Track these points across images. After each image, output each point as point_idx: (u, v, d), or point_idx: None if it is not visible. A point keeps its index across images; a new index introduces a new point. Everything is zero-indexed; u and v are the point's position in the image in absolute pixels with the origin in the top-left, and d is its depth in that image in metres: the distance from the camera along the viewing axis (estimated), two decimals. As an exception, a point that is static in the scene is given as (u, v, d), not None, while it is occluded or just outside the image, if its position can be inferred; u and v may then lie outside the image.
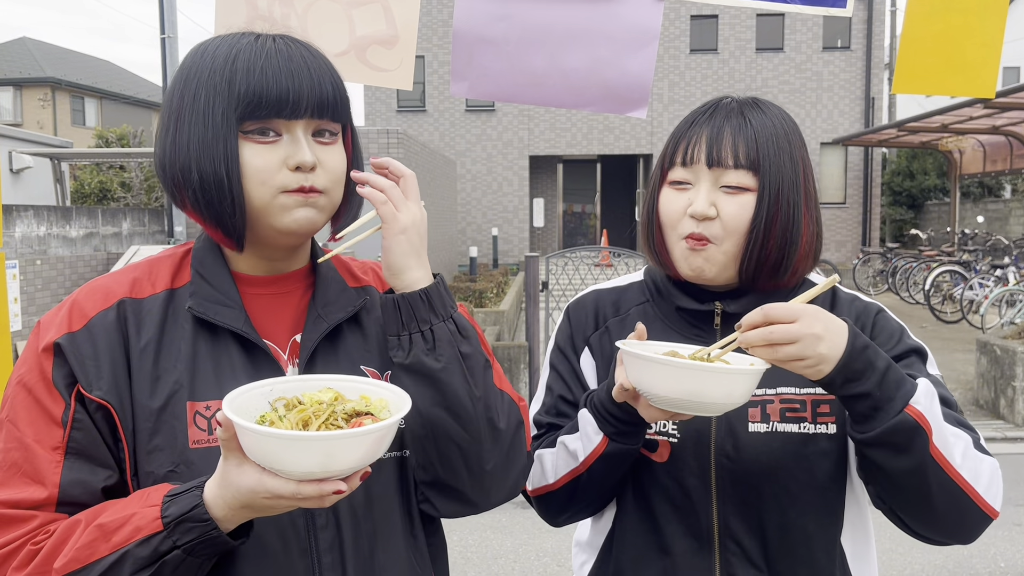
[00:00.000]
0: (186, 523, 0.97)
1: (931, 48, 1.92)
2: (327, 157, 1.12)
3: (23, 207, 10.10)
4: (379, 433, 0.93)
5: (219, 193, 1.07)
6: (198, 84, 1.08)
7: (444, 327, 1.13)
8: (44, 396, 1.06)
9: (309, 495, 0.92)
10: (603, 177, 24.88)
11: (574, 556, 1.55)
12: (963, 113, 13.34)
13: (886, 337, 1.35)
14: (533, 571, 4.50)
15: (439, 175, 17.52)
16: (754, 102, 1.35)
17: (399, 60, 1.85)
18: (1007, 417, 7.30)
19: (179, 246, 1.24)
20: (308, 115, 1.09)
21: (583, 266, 8.79)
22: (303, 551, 1.10)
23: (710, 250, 1.31)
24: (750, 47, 22.05)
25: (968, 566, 4.53)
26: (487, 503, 1.21)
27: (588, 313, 1.48)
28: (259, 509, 0.97)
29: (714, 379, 1.13)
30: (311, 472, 0.91)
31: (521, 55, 1.86)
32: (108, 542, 0.98)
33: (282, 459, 0.90)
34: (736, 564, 1.32)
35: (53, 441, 1.05)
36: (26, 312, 8.67)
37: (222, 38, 1.13)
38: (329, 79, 1.12)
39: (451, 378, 1.12)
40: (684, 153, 1.32)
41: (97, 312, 1.10)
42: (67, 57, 34.86)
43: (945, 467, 1.16)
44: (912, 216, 23.11)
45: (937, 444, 1.15)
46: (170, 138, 1.10)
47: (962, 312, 11.92)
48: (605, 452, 1.30)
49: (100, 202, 18.35)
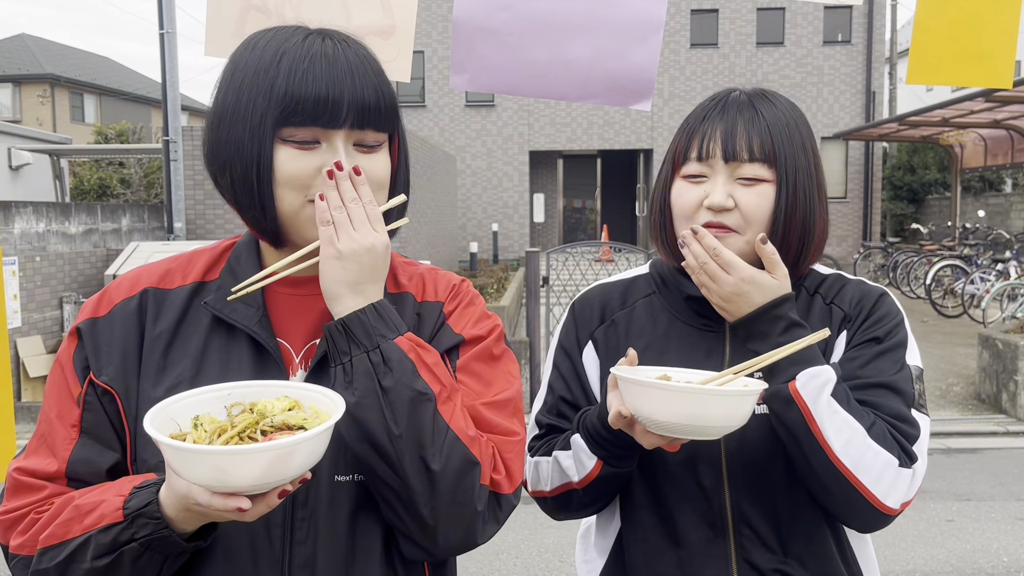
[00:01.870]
0: (141, 518, 0.98)
1: (945, 37, 1.89)
2: (367, 166, 1.08)
3: (22, 203, 10.07)
4: (273, 452, 0.88)
5: (249, 197, 1.07)
6: (243, 81, 1.06)
7: (364, 359, 1.03)
8: (69, 375, 1.11)
9: (219, 507, 0.91)
10: (603, 172, 24.84)
11: (579, 553, 1.53)
12: (964, 107, 13.31)
13: (877, 317, 1.35)
14: (535, 566, 4.49)
15: (439, 170, 17.49)
16: (763, 94, 1.36)
17: (396, 51, 1.81)
18: (1009, 411, 7.29)
19: (228, 239, 1.24)
20: (348, 125, 1.06)
21: (583, 261, 8.76)
22: (275, 562, 1.07)
23: (732, 238, 1.30)
24: (751, 41, 22.00)
25: (971, 561, 4.51)
26: (438, 550, 1.09)
27: (593, 308, 1.48)
28: (199, 514, 0.96)
29: (716, 402, 1.13)
30: (210, 485, 0.89)
31: (523, 46, 1.83)
32: (80, 523, 1.00)
33: (182, 469, 0.91)
34: (752, 549, 1.32)
35: (72, 418, 1.10)
36: (25, 309, 8.65)
37: (273, 32, 1.10)
38: (373, 86, 1.07)
39: (365, 414, 1.02)
40: (699, 148, 1.32)
41: (121, 300, 1.13)
42: (66, 53, 34.78)
43: (825, 449, 1.22)
44: (913, 210, 23.08)
45: (818, 425, 1.22)
46: (213, 133, 1.09)
47: (963, 306, 11.90)
48: (600, 475, 1.30)
49: (99, 198, 18.32)
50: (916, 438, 1.28)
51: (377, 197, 1.10)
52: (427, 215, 15.43)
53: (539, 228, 23.91)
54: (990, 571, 4.42)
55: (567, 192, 24.97)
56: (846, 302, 1.38)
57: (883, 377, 1.30)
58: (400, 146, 1.16)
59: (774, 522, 1.32)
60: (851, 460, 1.21)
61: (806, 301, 1.39)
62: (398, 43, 1.81)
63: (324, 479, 1.08)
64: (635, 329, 1.43)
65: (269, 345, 1.10)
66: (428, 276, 1.25)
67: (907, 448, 1.26)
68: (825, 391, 1.23)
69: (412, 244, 13.78)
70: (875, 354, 1.32)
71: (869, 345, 1.33)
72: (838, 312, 1.37)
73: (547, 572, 4.43)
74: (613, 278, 1.53)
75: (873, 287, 1.41)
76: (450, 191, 19.65)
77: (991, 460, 6.31)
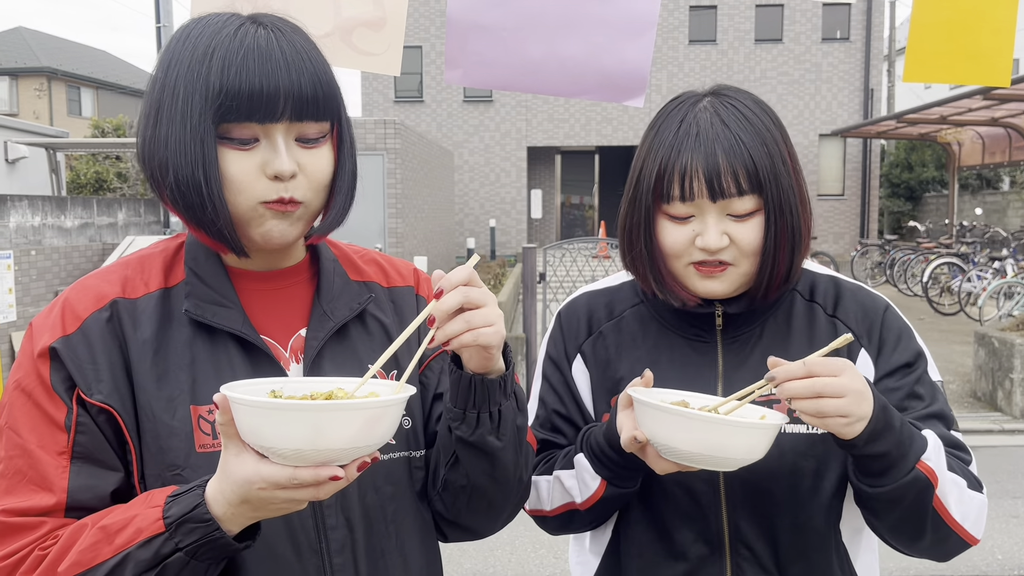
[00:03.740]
0: (188, 524, 0.93)
1: (942, 35, 1.87)
2: (309, 162, 1.05)
3: (18, 197, 10.05)
4: (372, 411, 0.88)
5: (198, 198, 1.01)
6: (177, 76, 1.01)
7: (509, 405, 1.10)
8: (44, 401, 1.02)
9: (305, 479, 0.88)
10: (601, 168, 24.84)
11: (572, 554, 1.52)
12: (962, 105, 13.31)
13: (894, 339, 1.31)
14: (530, 562, 4.49)
15: (436, 166, 17.48)
16: (728, 103, 1.26)
17: (387, 44, 1.78)
18: (1004, 409, 7.30)
19: (170, 239, 1.17)
20: (286, 118, 1.02)
21: (580, 258, 8.76)
22: (313, 551, 1.07)
23: (729, 272, 1.26)
24: (749, 38, 22.00)
25: (966, 558, 4.52)
26: (491, 533, 1.25)
27: (580, 319, 1.43)
28: (257, 505, 0.92)
29: (740, 434, 1.09)
30: (300, 449, 0.86)
31: (517, 42, 1.82)
32: (111, 544, 0.94)
33: (270, 434, 0.86)
34: (748, 569, 1.30)
35: (58, 446, 1.01)
36: (20, 303, 8.63)
37: (206, 22, 1.05)
38: (310, 74, 1.03)
39: (507, 454, 1.12)
40: (681, 187, 1.23)
41: (90, 313, 1.05)
42: (63, 47, 34.69)
43: (942, 513, 1.17)
44: (910, 208, 23.10)
45: (939, 495, 1.16)
46: (150, 131, 1.03)
47: (960, 304, 11.91)
48: (604, 496, 1.28)
49: (96, 192, 18.29)
50: (971, 460, 1.26)
51: (316, 198, 1.07)
52: (424, 211, 15.41)
53: (536, 224, 23.91)
54: (984, 569, 4.43)
55: (565, 188, 24.97)
56: (851, 318, 1.33)
57: (933, 406, 1.27)
58: (342, 134, 1.11)
59: (771, 543, 1.29)
60: (961, 514, 1.19)
61: (805, 309, 1.35)
62: (389, 36, 1.78)
63: None
64: (625, 341, 1.39)
65: (259, 343, 1.09)
66: (384, 262, 1.27)
67: (972, 473, 1.24)
68: (942, 457, 1.17)
69: (409, 240, 13.77)
70: (914, 381, 1.28)
71: (903, 373, 1.29)
72: (844, 331, 1.31)
73: (541, 568, 4.44)
74: (598, 285, 1.48)
75: (874, 299, 1.36)
76: (447, 187, 19.64)
77: (986, 458, 6.31)
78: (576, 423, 1.41)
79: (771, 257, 1.25)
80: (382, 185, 13.17)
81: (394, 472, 1.14)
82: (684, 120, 1.25)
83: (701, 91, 1.31)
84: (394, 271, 1.27)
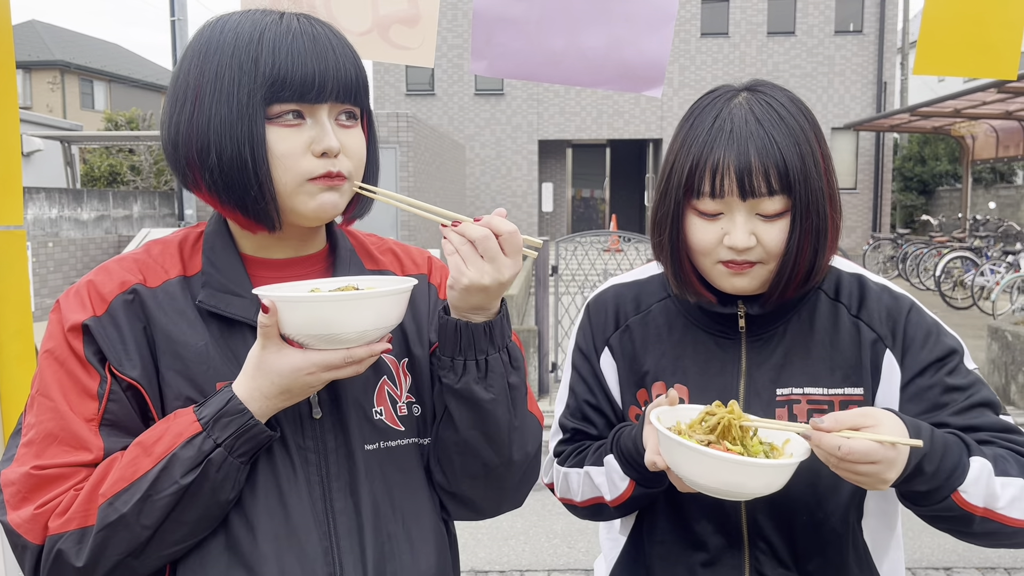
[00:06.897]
0: (223, 418, 1.01)
1: (952, 28, 1.91)
2: (350, 141, 1.11)
3: (35, 189, 10.14)
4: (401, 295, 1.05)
5: (242, 176, 1.05)
6: (220, 61, 1.05)
7: (498, 358, 1.11)
8: (78, 369, 1.05)
9: (361, 357, 1.02)
10: (612, 162, 24.81)
11: (602, 530, 1.56)
12: (976, 98, 13.24)
13: (921, 338, 1.30)
14: (543, 552, 4.53)
15: (448, 159, 17.51)
16: (764, 100, 1.26)
17: (421, 38, 1.87)
18: (1018, 403, 7.29)
19: (191, 228, 1.21)
20: (333, 99, 1.07)
21: (592, 251, 8.77)
22: (322, 534, 1.10)
23: (756, 270, 1.27)
24: (761, 31, 21.90)
25: (977, 548, 4.54)
26: (495, 513, 1.26)
27: (608, 312, 1.45)
28: (297, 392, 1.03)
29: (759, 475, 1.10)
30: (364, 330, 1.00)
31: (541, 34, 1.87)
32: (151, 455, 1.00)
33: (343, 320, 0.99)
34: (765, 563, 1.32)
35: (88, 413, 1.05)
36: (38, 294, 8.72)
37: (242, 14, 1.10)
38: (352, 62, 1.10)
39: (496, 408, 1.12)
40: (712, 184, 1.23)
41: (115, 296, 1.09)
42: (76, 40, 34.87)
43: (991, 516, 1.16)
44: (923, 202, 22.99)
45: (985, 506, 1.16)
46: (186, 116, 1.06)
47: (973, 298, 11.87)
48: (633, 495, 1.31)
49: (110, 185, 18.40)
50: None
51: (357, 173, 1.13)
52: (435, 203, 15.39)
53: (548, 217, 23.92)
54: (983, 563, 4.44)
55: (576, 181, 24.95)
56: (875, 320, 1.32)
57: (975, 396, 1.26)
58: (370, 123, 1.18)
59: (789, 538, 1.31)
60: (1018, 511, 1.18)
61: (829, 309, 1.35)
62: (423, 31, 1.87)
63: (357, 450, 1.13)
64: (650, 335, 1.40)
65: None
66: (400, 251, 1.32)
67: None
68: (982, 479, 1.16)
69: (421, 233, 13.82)
70: (948, 373, 1.27)
71: (934, 370, 1.28)
72: (868, 333, 1.31)
73: (555, 558, 4.48)
74: (626, 278, 1.49)
75: (898, 299, 1.34)
76: (459, 179, 19.68)
77: (999, 451, 6.30)
78: (606, 413, 1.43)
79: (792, 257, 1.25)
80: (395, 178, 13.23)
81: (403, 459, 1.17)
82: (719, 116, 1.25)
83: (737, 85, 1.31)
84: (409, 260, 1.31)
